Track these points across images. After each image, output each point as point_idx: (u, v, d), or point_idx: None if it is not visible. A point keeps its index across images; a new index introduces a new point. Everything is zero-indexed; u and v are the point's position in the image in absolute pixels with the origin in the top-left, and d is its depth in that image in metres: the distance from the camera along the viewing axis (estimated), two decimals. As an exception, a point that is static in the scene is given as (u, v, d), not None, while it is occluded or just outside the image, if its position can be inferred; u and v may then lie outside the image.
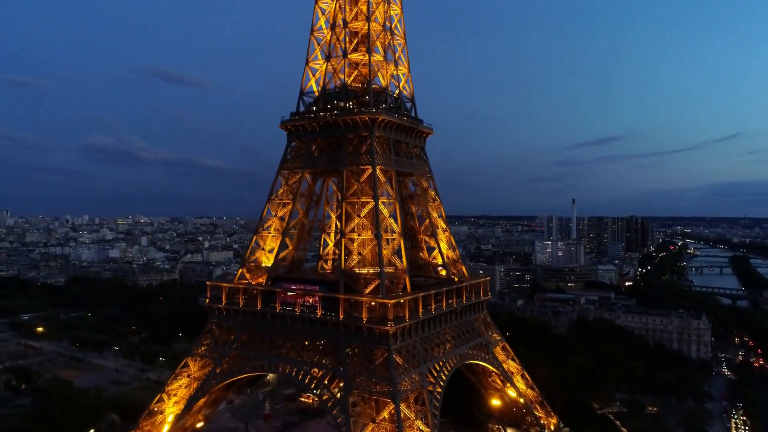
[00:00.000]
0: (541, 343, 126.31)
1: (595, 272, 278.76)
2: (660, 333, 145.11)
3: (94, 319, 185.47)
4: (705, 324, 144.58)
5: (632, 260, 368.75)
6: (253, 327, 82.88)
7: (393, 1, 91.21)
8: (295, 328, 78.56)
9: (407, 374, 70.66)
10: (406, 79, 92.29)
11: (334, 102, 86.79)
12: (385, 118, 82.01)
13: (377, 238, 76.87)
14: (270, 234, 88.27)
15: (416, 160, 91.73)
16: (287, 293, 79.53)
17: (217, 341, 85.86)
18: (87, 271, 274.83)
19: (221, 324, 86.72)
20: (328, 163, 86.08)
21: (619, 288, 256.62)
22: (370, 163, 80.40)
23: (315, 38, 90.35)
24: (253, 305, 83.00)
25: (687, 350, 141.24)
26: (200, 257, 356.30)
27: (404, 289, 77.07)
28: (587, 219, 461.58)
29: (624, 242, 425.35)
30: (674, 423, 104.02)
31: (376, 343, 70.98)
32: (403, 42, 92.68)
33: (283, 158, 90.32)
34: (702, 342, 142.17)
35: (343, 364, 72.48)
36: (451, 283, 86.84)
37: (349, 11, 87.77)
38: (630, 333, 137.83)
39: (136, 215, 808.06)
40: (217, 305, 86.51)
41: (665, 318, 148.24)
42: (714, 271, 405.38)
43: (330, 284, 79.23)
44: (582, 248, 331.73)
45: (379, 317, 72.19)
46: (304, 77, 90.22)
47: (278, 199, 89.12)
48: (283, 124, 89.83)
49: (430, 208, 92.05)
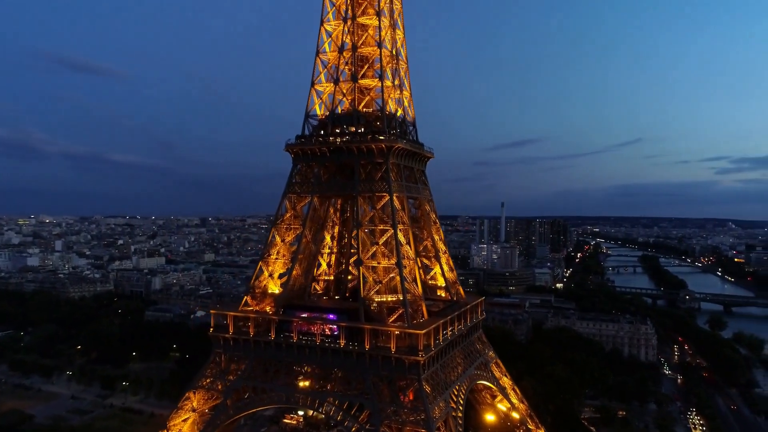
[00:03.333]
0: (512, 353, 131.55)
1: (533, 275, 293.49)
2: (613, 338, 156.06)
3: (29, 339, 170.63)
4: (651, 329, 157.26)
5: (559, 261, 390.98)
6: (265, 357, 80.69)
7: (398, 27, 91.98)
8: (314, 358, 77.47)
9: (435, 402, 72.05)
10: (408, 103, 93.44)
11: (344, 126, 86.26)
12: (401, 146, 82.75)
13: (398, 266, 77.46)
14: (277, 259, 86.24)
15: (420, 184, 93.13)
16: (308, 323, 78.18)
17: (224, 373, 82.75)
18: (7, 282, 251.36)
19: (227, 354, 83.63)
20: (341, 189, 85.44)
21: (556, 290, 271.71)
22: (387, 190, 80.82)
23: (320, 60, 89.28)
24: (265, 334, 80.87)
25: (637, 354, 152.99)
26: (129, 264, 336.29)
27: (421, 315, 78.35)
28: (515, 221, 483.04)
29: (549, 243, 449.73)
30: (642, 426, 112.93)
31: (406, 373, 71.71)
32: (406, 66, 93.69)
33: (288, 182, 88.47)
34: (649, 345, 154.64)
35: (370, 395, 72.58)
36: (455, 305, 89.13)
37: (358, 36, 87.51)
38: (591, 340, 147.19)
39: (40, 214, 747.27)
40: (222, 334, 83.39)
41: (617, 324, 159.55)
42: (629, 271, 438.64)
43: (348, 312, 78.86)
44: (516, 251, 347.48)
45: (406, 346, 72.95)
46: (309, 100, 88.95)
47: (285, 223, 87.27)
48: (290, 147, 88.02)
49: (432, 231, 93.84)
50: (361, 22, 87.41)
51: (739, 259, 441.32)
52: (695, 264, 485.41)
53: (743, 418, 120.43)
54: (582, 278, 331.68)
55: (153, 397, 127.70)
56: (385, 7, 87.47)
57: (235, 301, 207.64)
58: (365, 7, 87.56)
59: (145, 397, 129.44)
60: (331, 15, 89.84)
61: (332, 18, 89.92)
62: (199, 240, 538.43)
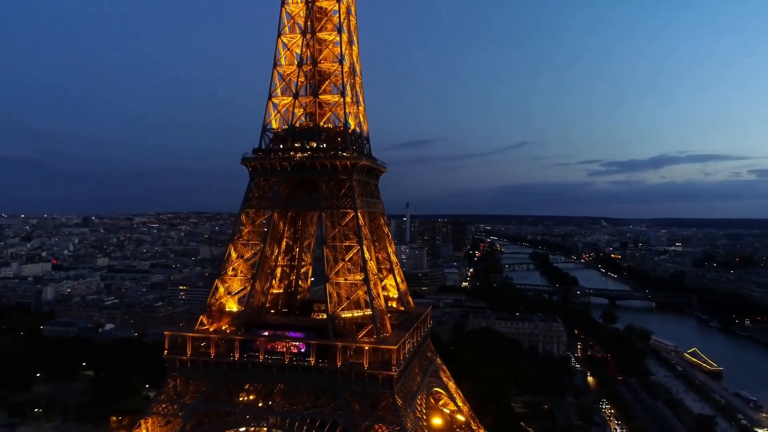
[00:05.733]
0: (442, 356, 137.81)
1: (444, 275, 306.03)
2: (529, 336, 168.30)
3: None
4: (561, 326, 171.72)
5: (462, 260, 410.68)
6: (229, 379, 78.39)
7: (353, 42, 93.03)
8: (283, 377, 76.67)
9: (407, 414, 74.57)
10: (363, 118, 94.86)
11: (304, 141, 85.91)
12: (365, 163, 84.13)
13: (366, 282, 78.94)
14: (235, 276, 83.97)
15: (375, 198, 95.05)
16: (275, 341, 77.16)
17: (182, 397, 79.17)
18: None
19: (184, 377, 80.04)
20: (302, 205, 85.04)
21: (466, 290, 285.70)
22: (352, 207, 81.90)
23: (278, 73, 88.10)
24: (227, 355, 78.56)
25: (551, 350, 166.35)
26: (9, 271, 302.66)
27: (385, 329, 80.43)
28: (419, 221, 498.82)
29: (452, 243, 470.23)
30: (565, 418, 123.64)
31: (379, 388, 73.42)
32: (360, 80, 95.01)
33: (246, 196, 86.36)
34: (561, 342, 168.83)
35: (343, 411, 73.47)
36: (410, 316, 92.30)
37: (317, 51, 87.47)
38: (512, 339, 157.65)
39: None
40: (179, 357, 79.62)
41: (532, 323, 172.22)
42: (523, 268, 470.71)
43: (315, 329, 79.02)
44: (425, 252, 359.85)
45: (378, 362, 74.66)
46: (266, 113, 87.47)
47: (242, 239, 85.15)
48: (247, 161, 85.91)
49: (386, 244, 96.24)
50: (321, 37, 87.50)
51: (615, 256, 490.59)
52: (579, 261, 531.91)
53: (645, 403, 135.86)
54: (485, 276, 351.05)
55: (73, 422, 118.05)
56: (344, 23, 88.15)
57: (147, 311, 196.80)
58: (325, 22, 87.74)
59: (62, 422, 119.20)
60: (287, 28, 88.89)
61: (288, 31, 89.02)
62: (84, 242, 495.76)
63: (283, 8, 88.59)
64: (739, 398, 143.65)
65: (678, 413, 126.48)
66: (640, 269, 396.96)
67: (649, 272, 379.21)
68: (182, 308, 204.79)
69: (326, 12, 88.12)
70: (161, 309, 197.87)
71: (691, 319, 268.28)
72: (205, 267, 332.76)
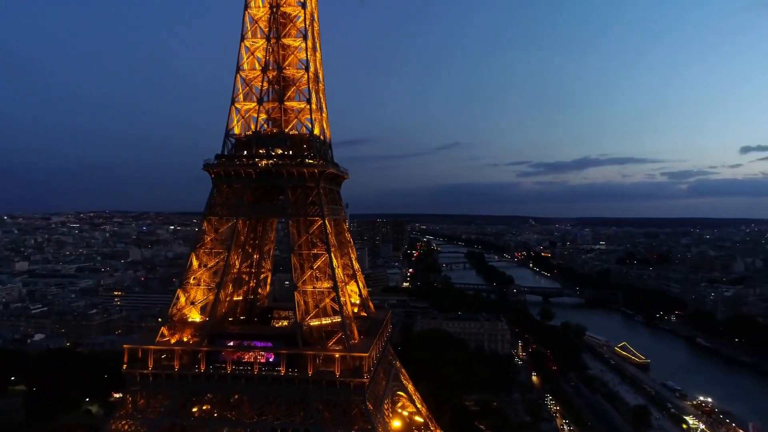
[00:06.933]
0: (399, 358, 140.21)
1: (387, 276, 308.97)
2: (476, 335, 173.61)
3: None
4: (505, 325, 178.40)
5: (401, 260, 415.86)
6: (194, 391, 76.31)
7: (316, 48, 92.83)
8: (252, 388, 75.55)
9: (378, 419, 75.63)
10: (326, 124, 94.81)
11: (269, 148, 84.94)
12: (332, 171, 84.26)
13: (335, 290, 79.17)
14: (198, 286, 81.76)
15: (339, 205, 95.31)
16: (243, 351, 75.86)
17: (143, 412, 76.19)
18: None
19: (146, 392, 77.08)
20: (269, 213, 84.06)
21: (409, 290, 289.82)
22: (320, 214, 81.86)
23: (240, 77, 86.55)
24: (192, 367, 76.44)
25: (495, 348, 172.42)
26: None
27: (353, 336, 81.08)
28: (357, 221, 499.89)
29: (392, 243, 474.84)
30: (514, 414, 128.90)
31: (351, 395, 73.95)
32: (323, 87, 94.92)
33: (209, 204, 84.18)
34: (505, 340, 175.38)
35: (315, 420, 73.48)
36: (373, 321, 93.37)
37: (281, 56, 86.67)
38: (460, 339, 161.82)
39: None
40: (140, 371, 76.55)
41: (478, 322, 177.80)
42: (460, 267, 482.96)
43: (283, 338, 78.43)
44: (366, 253, 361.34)
45: (349, 369, 75.19)
46: (229, 118, 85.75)
47: (205, 247, 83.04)
48: (210, 167, 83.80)
49: (349, 250, 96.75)
50: (285, 42, 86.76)
51: (545, 254, 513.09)
52: (513, 259, 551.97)
53: (585, 397, 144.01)
54: (425, 276, 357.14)
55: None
56: (309, 29, 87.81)
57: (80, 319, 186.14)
58: (289, 28, 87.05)
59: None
60: (250, 33, 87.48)
61: (251, 35, 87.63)
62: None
63: (246, 12, 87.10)
64: (666, 388, 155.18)
65: (616, 405, 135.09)
66: (570, 267, 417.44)
67: (577, 270, 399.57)
68: (119, 315, 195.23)
69: (290, 17, 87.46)
70: (96, 316, 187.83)
71: (617, 315, 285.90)
72: (138, 270, 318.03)
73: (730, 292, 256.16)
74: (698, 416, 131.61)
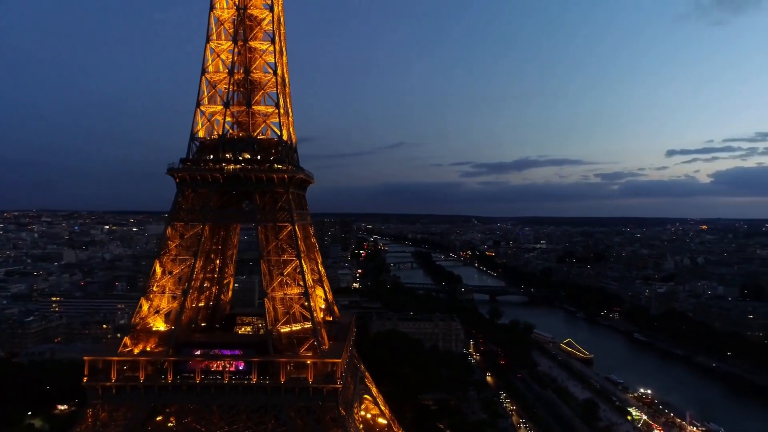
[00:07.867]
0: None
1: (338, 277, 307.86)
2: (430, 335, 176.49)
3: None
4: (459, 324, 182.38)
5: (351, 260, 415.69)
6: (160, 404, 74.13)
7: (283, 52, 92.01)
8: (222, 397, 74.23)
9: (350, 424, 76.14)
10: (292, 128, 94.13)
11: (236, 152, 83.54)
12: (302, 176, 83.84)
13: (306, 296, 79.02)
14: (163, 294, 79.36)
15: (305, 210, 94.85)
16: (211, 361, 74.34)
17: (105, 427, 73.33)
18: None
19: (108, 405, 74.15)
20: (237, 219, 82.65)
21: (361, 291, 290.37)
22: (290, 220, 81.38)
23: (206, 80, 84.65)
24: (158, 378, 74.20)
25: (450, 347, 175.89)
26: None
27: (323, 342, 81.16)
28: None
29: (340, 243, 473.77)
30: (471, 411, 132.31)
31: (324, 401, 74.07)
32: (289, 90, 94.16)
33: (174, 209, 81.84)
34: (459, 339, 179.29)
35: (287, 427, 73.11)
36: (339, 325, 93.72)
37: (248, 60, 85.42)
38: (416, 339, 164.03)
39: None
40: (102, 383, 73.57)
41: (432, 323, 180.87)
42: (408, 267, 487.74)
43: (254, 345, 77.49)
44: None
45: (322, 375, 75.23)
46: (194, 121, 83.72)
47: (170, 254, 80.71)
48: (174, 171, 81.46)
49: (315, 254, 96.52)
50: (252, 45, 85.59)
51: (490, 253, 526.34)
52: (458, 258, 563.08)
53: (537, 393, 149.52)
54: (375, 276, 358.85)
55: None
56: (276, 31, 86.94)
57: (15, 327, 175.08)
58: (256, 31, 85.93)
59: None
60: (215, 35, 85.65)
61: (215, 38, 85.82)
62: None
63: (212, 13, 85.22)
64: (609, 382, 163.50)
65: (566, 400, 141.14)
66: (514, 266, 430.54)
67: (521, 268, 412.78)
68: (59, 322, 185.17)
69: (257, 20, 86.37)
70: (33, 324, 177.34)
71: (560, 312, 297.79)
72: (74, 274, 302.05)
73: (663, 288, 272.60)
74: (640, 408, 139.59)
